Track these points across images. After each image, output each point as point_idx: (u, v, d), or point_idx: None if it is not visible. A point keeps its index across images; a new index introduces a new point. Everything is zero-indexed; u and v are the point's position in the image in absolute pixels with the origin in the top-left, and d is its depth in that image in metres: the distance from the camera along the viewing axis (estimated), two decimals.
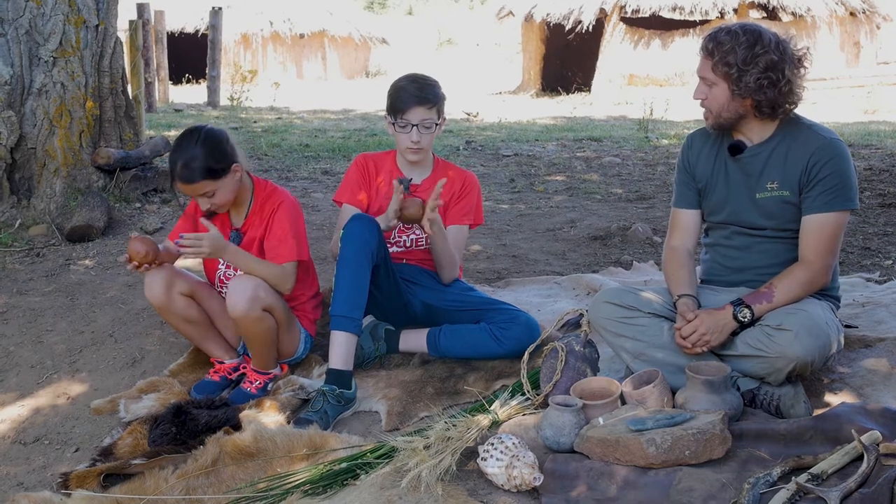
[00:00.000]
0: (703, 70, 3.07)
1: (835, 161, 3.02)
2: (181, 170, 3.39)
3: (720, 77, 3.03)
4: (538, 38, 21.85)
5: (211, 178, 3.41)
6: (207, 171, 3.39)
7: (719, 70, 3.02)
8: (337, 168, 8.91)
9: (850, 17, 20.71)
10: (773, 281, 3.05)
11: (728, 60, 2.98)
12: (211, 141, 3.44)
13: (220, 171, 3.44)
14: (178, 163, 3.40)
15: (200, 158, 3.38)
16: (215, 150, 3.43)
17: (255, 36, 24.00)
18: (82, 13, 6.13)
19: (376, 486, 2.64)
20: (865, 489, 2.40)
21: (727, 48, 2.99)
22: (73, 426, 3.37)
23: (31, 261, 5.24)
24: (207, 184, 3.41)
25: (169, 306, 3.50)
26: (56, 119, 6.05)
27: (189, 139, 3.44)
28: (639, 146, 10.63)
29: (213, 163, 3.41)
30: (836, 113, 14.33)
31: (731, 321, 3.00)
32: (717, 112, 3.09)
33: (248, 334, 3.46)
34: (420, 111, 3.58)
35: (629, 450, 2.64)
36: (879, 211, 6.42)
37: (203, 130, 3.48)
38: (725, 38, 3.01)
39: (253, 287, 3.35)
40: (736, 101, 3.04)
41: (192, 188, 3.42)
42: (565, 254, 5.51)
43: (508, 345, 3.57)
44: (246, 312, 3.33)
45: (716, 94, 3.06)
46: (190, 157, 3.38)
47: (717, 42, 3.02)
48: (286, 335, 3.58)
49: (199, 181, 3.39)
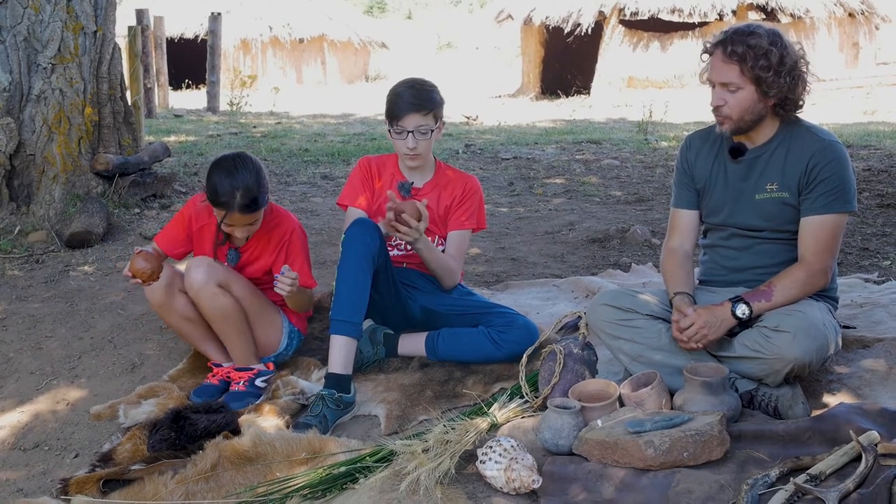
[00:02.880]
0: (727, 76, 3.01)
1: (834, 163, 3.03)
2: (242, 200, 3.32)
3: (748, 80, 2.98)
4: (537, 42, 21.87)
5: (263, 207, 3.42)
6: (262, 201, 3.38)
7: (750, 73, 2.97)
8: (336, 173, 8.91)
9: (848, 18, 20.73)
10: (773, 280, 3.05)
11: (762, 64, 2.95)
12: (261, 170, 3.41)
13: (266, 199, 3.44)
14: (238, 192, 3.31)
15: (257, 188, 3.34)
16: (264, 177, 3.41)
17: (254, 41, 24.03)
18: (80, 20, 6.14)
19: (375, 490, 2.64)
20: (864, 489, 2.40)
21: (762, 51, 2.95)
22: (72, 432, 3.37)
23: (31, 267, 5.25)
24: (259, 214, 3.42)
25: (169, 305, 3.50)
26: (55, 125, 6.06)
27: (241, 166, 3.36)
28: (638, 148, 10.63)
29: (265, 191, 3.39)
30: (835, 114, 14.33)
31: (729, 317, 3.00)
32: (739, 116, 3.05)
33: (209, 313, 3.46)
34: (416, 118, 3.59)
35: (628, 452, 2.64)
36: (878, 211, 6.43)
37: (249, 157, 3.42)
38: (756, 41, 2.95)
39: (207, 263, 3.41)
40: (761, 102, 3.03)
41: (246, 218, 3.39)
42: (564, 256, 5.52)
43: (507, 348, 3.57)
44: (202, 285, 3.37)
45: (740, 98, 3.02)
46: (249, 185, 3.33)
47: (747, 46, 2.95)
48: (262, 324, 3.60)
49: (256, 211, 3.39)
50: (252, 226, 3.47)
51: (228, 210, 3.35)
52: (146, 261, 3.38)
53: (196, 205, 3.62)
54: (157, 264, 3.40)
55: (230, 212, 3.36)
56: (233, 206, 3.33)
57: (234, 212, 3.35)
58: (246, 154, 3.46)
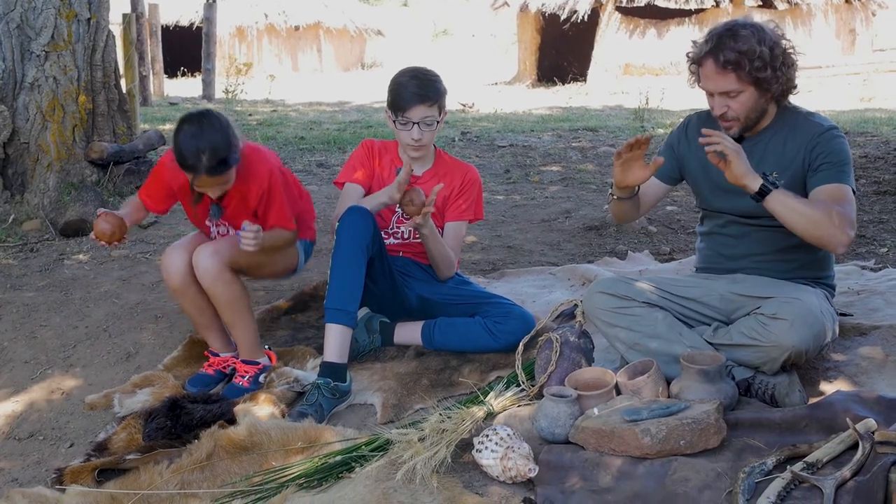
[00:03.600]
0: (726, 85, 2.98)
1: (835, 143, 3.02)
2: (209, 162, 3.16)
3: (747, 83, 2.97)
4: (533, 29, 21.82)
5: (234, 165, 3.27)
6: (232, 160, 3.24)
7: (748, 77, 2.95)
8: (332, 160, 8.89)
9: (845, 5, 20.70)
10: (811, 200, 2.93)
11: (758, 66, 2.93)
12: (228, 126, 3.24)
13: (238, 156, 3.28)
14: (205, 154, 3.15)
15: (225, 148, 3.19)
16: (233, 135, 3.25)
17: (249, 28, 23.96)
18: (74, 7, 6.10)
19: (371, 479, 2.63)
20: (860, 477, 2.40)
21: (754, 54, 2.92)
22: (67, 421, 3.36)
23: (25, 256, 5.23)
24: (230, 173, 3.28)
25: (185, 290, 3.46)
26: (49, 113, 6.03)
27: (207, 126, 3.19)
28: (634, 135, 10.59)
29: (234, 150, 3.24)
30: (831, 101, 14.31)
31: (751, 172, 2.87)
32: (745, 116, 3.04)
33: (219, 300, 3.41)
34: (421, 109, 3.55)
35: (624, 440, 2.64)
36: (874, 198, 6.42)
37: (214, 115, 3.26)
38: (746, 44, 2.92)
39: (212, 250, 3.37)
40: (763, 98, 3.02)
41: (216, 180, 3.26)
42: (560, 244, 5.50)
43: (503, 339, 3.56)
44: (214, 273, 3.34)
45: (742, 101, 3.00)
46: (216, 146, 3.16)
47: (739, 52, 2.92)
48: (276, 260, 3.63)
49: (227, 172, 3.25)
50: (225, 184, 3.34)
51: (196, 173, 3.22)
52: (106, 222, 3.34)
53: (168, 164, 3.47)
54: (118, 225, 3.36)
55: (198, 175, 3.23)
56: (200, 169, 3.19)
57: (202, 174, 3.21)
58: (212, 111, 3.29)
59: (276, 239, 3.50)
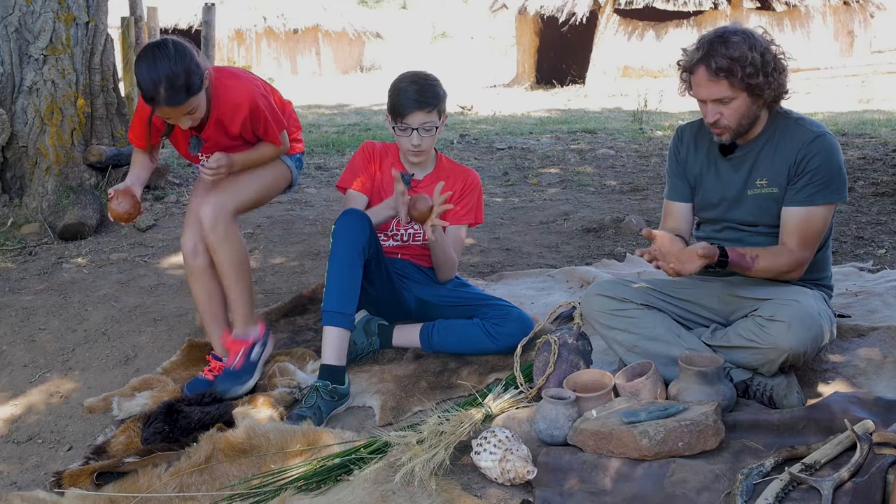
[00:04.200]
0: (718, 92, 2.96)
1: (822, 155, 3.00)
2: (167, 93, 3.06)
3: (740, 90, 2.95)
4: (532, 31, 21.84)
5: (195, 94, 3.16)
6: (192, 88, 3.11)
7: (740, 84, 2.93)
8: (331, 163, 8.89)
9: (843, 7, 20.72)
10: (760, 254, 3.00)
11: (749, 72, 2.91)
12: (185, 54, 3.11)
13: (200, 83, 3.17)
14: (161, 86, 3.04)
15: (182, 76, 3.06)
16: (192, 62, 3.12)
17: (248, 32, 23.99)
18: (72, 10, 6.11)
19: (370, 481, 2.63)
20: (858, 478, 2.40)
21: (746, 60, 2.91)
22: (66, 425, 3.36)
23: (24, 259, 5.23)
24: (192, 101, 3.17)
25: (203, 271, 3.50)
26: (47, 117, 6.03)
27: (161, 56, 3.07)
28: (633, 137, 10.62)
29: (193, 77, 3.11)
30: (830, 102, 14.33)
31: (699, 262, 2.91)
32: (737, 123, 3.02)
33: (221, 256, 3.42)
34: (421, 115, 3.55)
35: (622, 442, 2.64)
36: (873, 200, 6.42)
37: (171, 43, 3.12)
38: (737, 50, 2.91)
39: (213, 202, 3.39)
40: (755, 104, 3.01)
41: (178, 110, 3.16)
42: (559, 246, 5.51)
43: (502, 341, 3.56)
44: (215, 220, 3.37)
45: (734, 108, 2.98)
46: (172, 76, 3.05)
47: (731, 59, 2.91)
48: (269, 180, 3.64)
49: (186, 101, 3.14)
50: (193, 113, 3.23)
51: (156, 105, 3.13)
52: (120, 204, 3.33)
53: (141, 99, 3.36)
54: (131, 203, 3.34)
55: (158, 106, 3.13)
56: (159, 101, 3.09)
57: (162, 105, 3.11)
58: (169, 40, 3.16)
59: (260, 156, 3.53)
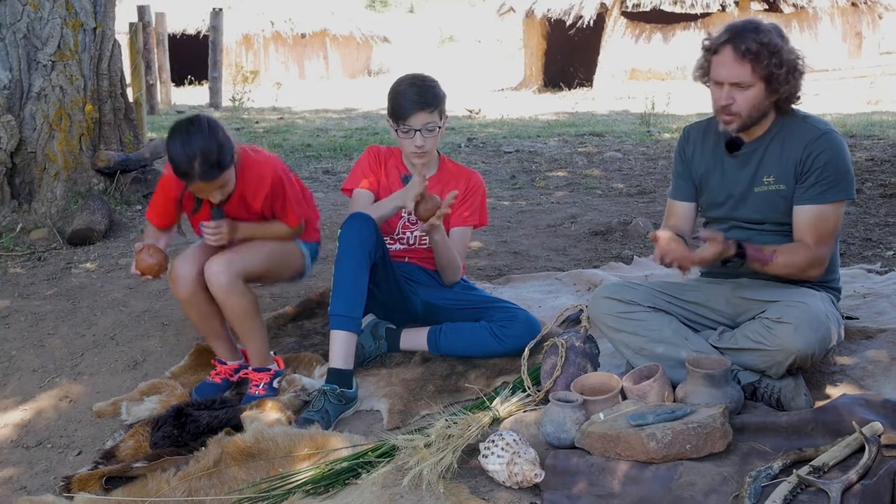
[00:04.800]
0: (739, 75, 2.97)
1: (829, 152, 3.01)
2: (201, 168, 3.16)
3: (759, 78, 2.95)
4: (539, 34, 21.83)
5: (227, 168, 3.26)
6: (224, 163, 3.23)
7: (763, 71, 2.94)
8: (338, 167, 8.91)
9: (851, 8, 20.64)
10: (778, 251, 3.00)
11: (776, 62, 2.93)
12: (217, 130, 3.25)
13: (231, 158, 3.28)
14: (196, 161, 3.15)
15: (216, 151, 3.18)
16: (224, 138, 3.25)
17: (256, 36, 24.00)
18: (80, 16, 6.14)
19: (378, 485, 2.63)
20: (867, 481, 2.39)
21: (775, 48, 2.92)
22: (75, 429, 3.37)
23: (33, 265, 5.25)
24: (225, 175, 3.26)
25: (194, 300, 3.46)
26: (56, 123, 6.06)
27: (195, 132, 3.20)
28: (640, 140, 10.61)
29: (226, 153, 3.23)
30: (838, 104, 14.30)
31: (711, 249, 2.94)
32: (747, 113, 3.02)
33: (231, 310, 3.41)
34: (422, 116, 3.56)
35: (630, 445, 2.64)
36: (881, 201, 6.41)
37: (205, 120, 3.25)
38: (768, 38, 2.93)
39: (226, 260, 3.37)
40: (768, 99, 3.01)
41: (211, 185, 3.25)
42: (566, 249, 5.51)
43: (509, 343, 3.56)
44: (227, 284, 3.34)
45: (749, 96, 2.99)
46: (206, 150, 3.16)
47: (760, 43, 2.92)
48: (281, 264, 3.64)
49: (220, 176, 3.23)
50: (224, 187, 3.33)
51: (190, 180, 3.23)
52: (151, 256, 3.36)
53: (168, 176, 3.48)
54: (162, 257, 3.38)
55: (192, 181, 3.23)
56: (194, 176, 3.19)
57: (197, 181, 3.21)
58: (200, 116, 3.29)
59: (270, 231, 3.55)
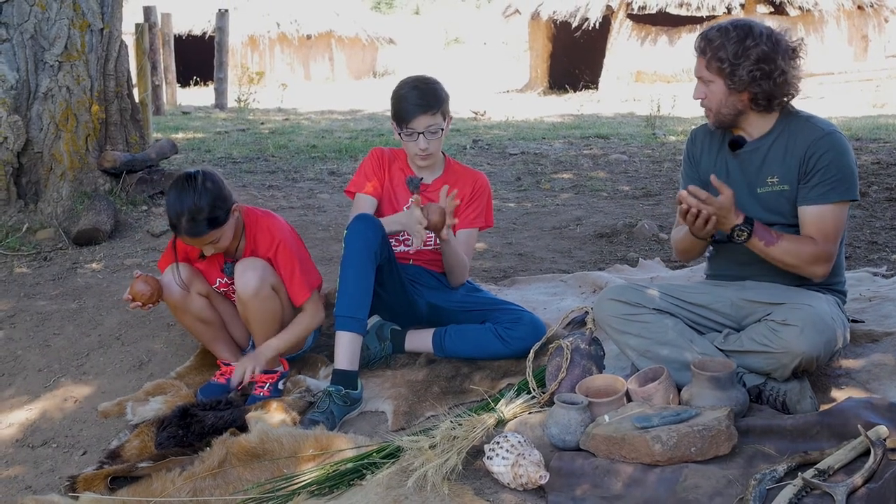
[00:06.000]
0: (699, 69, 3.09)
1: (832, 152, 3.00)
2: (188, 224, 3.27)
3: (714, 74, 3.04)
4: (545, 36, 21.84)
5: (218, 227, 3.33)
6: (214, 222, 3.31)
7: (713, 67, 3.03)
8: (343, 169, 8.91)
9: (857, 11, 20.63)
10: (784, 236, 3.00)
11: (720, 56, 3.00)
12: (212, 188, 3.31)
13: (225, 217, 3.35)
14: (183, 217, 3.26)
15: (206, 210, 3.27)
16: (217, 198, 3.32)
17: (262, 37, 24.05)
18: (87, 17, 6.14)
19: (382, 486, 2.64)
20: (872, 484, 2.39)
21: (717, 44, 3.01)
22: (80, 429, 3.38)
23: (39, 265, 5.26)
24: (214, 233, 3.34)
25: (186, 306, 3.52)
26: (62, 123, 6.06)
27: (188, 189, 3.28)
28: (646, 143, 10.61)
29: (217, 212, 3.31)
30: (844, 107, 14.29)
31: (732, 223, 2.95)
32: (716, 109, 3.10)
33: (255, 315, 3.46)
34: (425, 119, 3.57)
35: (635, 447, 2.64)
36: (887, 205, 6.40)
37: (200, 177, 3.33)
38: (715, 34, 3.03)
39: (261, 266, 3.42)
40: (733, 95, 3.05)
41: (199, 240, 3.35)
42: (571, 252, 5.50)
43: (514, 345, 3.56)
44: (256, 291, 3.39)
45: (713, 91, 3.07)
46: (195, 209, 3.25)
47: (707, 40, 3.04)
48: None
49: (207, 233, 3.32)
50: (217, 243, 3.40)
51: (178, 234, 3.35)
52: (146, 283, 3.41)
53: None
54: (156, 287, 3.43)
55: (179, 234, 3.35)
56: (180, 230, 3.31)
57: (184, 235, 3.33)
58: (200, 172, 3.37)
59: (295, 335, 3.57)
